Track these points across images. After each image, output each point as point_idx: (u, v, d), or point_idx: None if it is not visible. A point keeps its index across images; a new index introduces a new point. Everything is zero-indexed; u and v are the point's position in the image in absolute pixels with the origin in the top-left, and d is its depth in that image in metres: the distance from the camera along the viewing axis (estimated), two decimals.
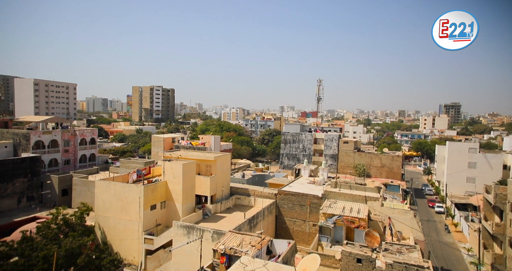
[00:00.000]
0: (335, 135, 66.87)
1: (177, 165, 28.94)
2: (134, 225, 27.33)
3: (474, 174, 54.79)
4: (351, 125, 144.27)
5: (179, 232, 24.78)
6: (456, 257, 35.57)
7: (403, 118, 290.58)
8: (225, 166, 34.58)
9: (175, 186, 28.95)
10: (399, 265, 18.25)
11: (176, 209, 28.95)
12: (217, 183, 32.30)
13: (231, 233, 19.88)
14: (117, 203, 28.07)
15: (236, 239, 18.85)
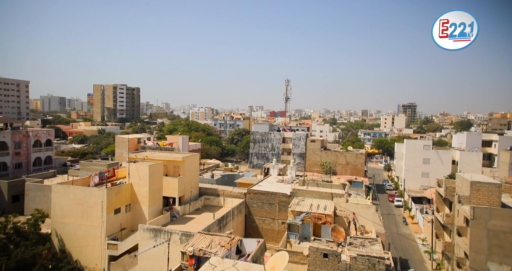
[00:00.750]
0: (303, 134, 68.56)
1: (143, 166, 27.93)
2: (96, 230, 25.91)
3: (428, 169, 59.17)
4: (318, 124, 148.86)
5: (145, 235, 23.94)
6: (413, 247, 38.19)
7: (366, 118, 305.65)
8: (193, 166, 34.01)
9: (141, 188, 27.92)
10: (362, 258, 19.18)
11: (142, 212, 27.92)
12: (185, 184, 31.67)
13: (200, 234, 19.62)
14: (77, 208, 26.43)
15: (205, 240, 18.63)
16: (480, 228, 24.91)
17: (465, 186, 27.67)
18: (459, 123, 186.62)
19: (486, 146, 62.55)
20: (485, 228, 24.72)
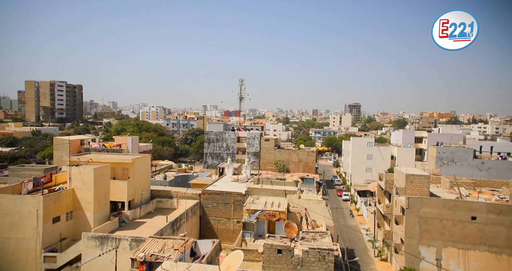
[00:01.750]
0: (257, 133, 69.57)
1: (87, 170, 25.84)
2: (29, 243, 23.27)
3: (371, 164, 64.32)
4: (272, 123, 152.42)
5: (90, 244, 22.21)
6: (358, 238, 41.24)
7: (316, 117, 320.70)
8: (144, 168, 32.45)
9: (85, 193, 25.80)
10: (313, 251, 20.19)
11: (86, 219, 25.81)
12: (135, 187, 30.08)
13: (152, 239, 18.83)
14: (4, 219, 23.43)
15: (157, 245, 17.93)
16: (413, 216, 27.85)
17: (401, 179, 30.67)
18: (396, 122, 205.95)
19: (418, 142, 69.96)
20: (417, 215, 27.72)
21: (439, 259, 26.98)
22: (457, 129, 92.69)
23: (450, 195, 31.37)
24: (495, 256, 25.93)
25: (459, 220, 26.81)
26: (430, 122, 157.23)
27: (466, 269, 26.41)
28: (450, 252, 26.85)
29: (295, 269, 20.20)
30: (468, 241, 26.53)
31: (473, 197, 30.26)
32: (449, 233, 26.96)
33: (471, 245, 26.47)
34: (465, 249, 26.56)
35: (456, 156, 52.22)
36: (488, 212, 26.27)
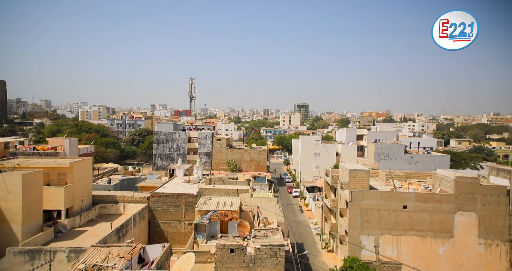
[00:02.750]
0: (209, 133, 68.68)
1: (13, 177, 22.85)
2: None
3: (319, 161, 67.96)
4: (223, 123, 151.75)
5: (17, 260, 19.71)
6: (307, 232, 43.32)
7: (267, 116, 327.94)
8: (85, 172, 29.85)
9: (11, 203, 22.77)
10: (265, 248, 20.68)
11: (12, 232, 22.78)
12: (74, 193, 27.51)
13: (94, 248, 17.44)
14: None
15: (100, 254, 16.68)
16: (355, 208, 30.18)
17: (345, 174, 32.97)
18: (340, 121, 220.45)
19: (359, 139, 75.90)
20: (359, 207, 30.11)
21: (377, 246, 29.67)
22: (391, 128, 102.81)
23: (386, 187, 34.64)
24: (421, 239, 29.40)
25: (393, 209, 29.79)
26: (369, 121, 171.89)
27: (398, 253, 29.46)
28: (386, 239, 29.71)
29: (247, 267, 20.46)
30: (400, 227, 29.63)
31: (404, 188, 33.87)
32: (385, 222, 29.79)
33: (402, 231, 29.60)
34: (398, 235, 29.62)
35: (390, 151, 57.85)
36: (416, 200, 29.63)
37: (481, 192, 29.02)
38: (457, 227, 29.17)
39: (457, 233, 29.15)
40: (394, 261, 28.96)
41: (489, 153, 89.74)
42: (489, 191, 29.06)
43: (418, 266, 28.92)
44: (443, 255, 29.20)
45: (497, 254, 28.84)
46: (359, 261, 26.71)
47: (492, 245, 28.91)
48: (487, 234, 28.91)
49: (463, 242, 29.08)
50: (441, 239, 29.27)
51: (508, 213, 28.82)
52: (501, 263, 28.78)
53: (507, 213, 28.84)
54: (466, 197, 29.05)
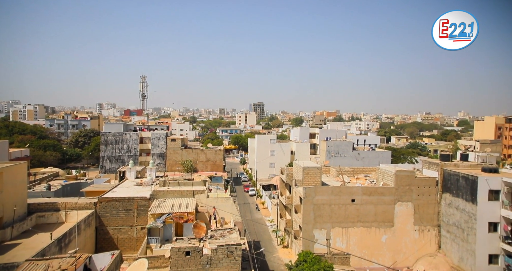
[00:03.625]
0: (163, 133, 66.13)
1: None
2: None
3: (274, 159, 69.60)
4: (178, 123, 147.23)
5: None
6: (264, 229, 44.17)
7: (223, 116, 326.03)
8: (18, 178, 26.72)
9: None
10: (221, 248, 20.62)
11: None
12: (4, 203, 24.47)
13: (30, 262, 15.76)
14: None
15: (38, 268, 15.13)
16: (309, 204, 31.57)
17: (299, 171, 34.26)
18: (294, 120, 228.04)
19: (312, 137, 79.32)
20: (312, 203, 31.56)
21: (329, 239, 31.42)
22: (341, 126, 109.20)
23: (336, 182, 36.79)
24: (366, 229, 31.87)
25: (343, 203, 31.79)
26: (321, 120, 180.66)
27: (347, 244, 31.56)
28: (337, 231, 31.61)
29: (204, 268, 20.22)
30: (349, 220, 31.76)
31: (352, 183, 36.32)
32: (336, 216, 31.67)
33: (351, 223, 31.77)
34: (347, 228, 31.71)
35: (340, 148, 61.53)
36: (363, 194, 32.01)
37: (416, 184, 32.37)
38: (397, 216, 32.17)
39: (397, 222, 32.14)
40: (343, 252, 30.92)
41: (422, 148, 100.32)
42: (422, 182, 32.54)
43: (364, 255, 31.29)
44: (385, 242, 31.98)
45: (429, 238, 32.47)
46: (312, 255, 27.99)
47: (425, 230, 32.47)
48: (420, 221, 32.37)
49: (402, 229, 32.17)
50: (384, 228, 32.03)
51: (437, 201, 32.59)
52: (431, 245, 32.48)
53: (436, 201, 32.60)
54: (404, 189, 32.17)
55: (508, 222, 27.19)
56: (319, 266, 25.75)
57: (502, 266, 27.38)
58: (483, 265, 27.75)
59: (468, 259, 28.71)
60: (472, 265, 28.16)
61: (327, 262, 27.85)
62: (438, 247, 32.51)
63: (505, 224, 27.37)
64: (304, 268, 26.31)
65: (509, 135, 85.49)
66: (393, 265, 31.32)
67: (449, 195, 31.44)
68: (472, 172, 29.89)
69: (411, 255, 32.03)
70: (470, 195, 28.62)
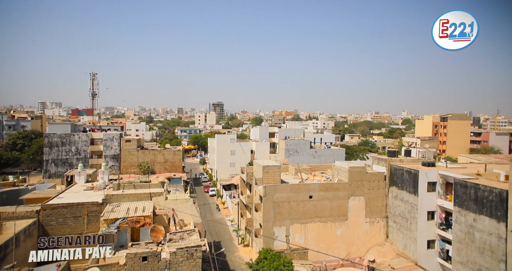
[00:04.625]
0: (116, 134, 62.44)
1: None
2: None
3: (234, 159, 69.64)
4: (134, 123, 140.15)
5: None
6: (224, 230, 44.01)
7: (181, 115, 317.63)
8: None
9: None
10: (181, 250, 20.14)
11: None
12: None
13: None
14: None
15: None
16: (269, 202, 32.16)
17: (259, 170, 34.70)
18: (254, 119, 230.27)
19: (271, 136, 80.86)
20: (272, 201, 32.20)
21: (288, 235, 32.35)
22: (299, 125, 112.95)
23: (295, 180, 37.95)
24: (323, 224, 33.44)
25: (301, 200, 32.93)
26: (280, 120, 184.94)
27: (306, 239, 32.80)
28: (295, 227, 32.66)
29: None
30: (307, 216, 33.01)
31: (310, 180, 37.77)
32: (295, 212, 32.70)
33: (309, 219, 33.05)
34: (305, 223, 32.93)
35: (298, 147, 63.56)
36: (320, 190, 33.47)
37: (367, 179, 34.72)
38: (351, 210, 34.21)
39: (350, 215, 34.18)
40: (302, 247, 32.07)
41: (372, 146, 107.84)
42: (373, 177, 35.01)
43: (321, 248, 32.77)
44: (340, 235, 33.84)
45: (378, 229, 35.08)
46: (272, 252, 28.59)
47: (375, 222, 35.01)
48: (371, 214, 34.83)
49: (355, 222, 34.31)
50: (339, 222, 33.86)
51: (385, 194, 35.33)
52: (380, 235, 35.14)
53: (385, 194, 35.32)
54: (357, 184, 34.31)
55: (442, 210, 30.42)
56: (279, 263, 26.39)
57: (438, 250, 30.58)
58: (423, 250, 30.73)
59: (411, 246, 31.58)
60: (414, 251, 31.04)
61: (287, 258, 28.67)
62: (386, 236, 35.24)
63: (440, 212, 30.59)
64: (264, 265, 26.77)
65: (443, 132, 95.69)
66: (347, 257, 33.25)
67: (395, 188, 34.24)
68: (414, 166, 32.89)
69: (363, 245, 34.30)
70: (412, 187, 31.48)
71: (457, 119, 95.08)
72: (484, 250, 24.85)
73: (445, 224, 29.92)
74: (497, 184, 25.33)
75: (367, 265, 31.68)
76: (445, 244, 29.69)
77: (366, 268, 31.26)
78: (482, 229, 25.00)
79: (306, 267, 29.58)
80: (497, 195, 23.89)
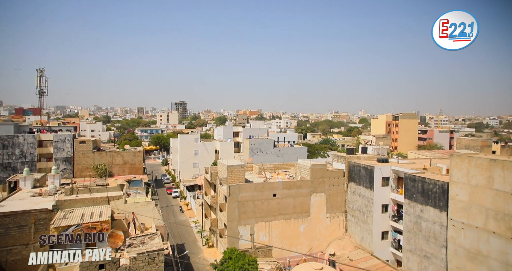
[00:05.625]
0: (69, 135, 58.01)
1: None
2: None
3: (198, 159, 68.49)
4: (89, 123, 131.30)
5: None
6: (188, 231, 43.13)
7: (142, 115, 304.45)
8: None
9: None
10: (142, 255, 19.37)
11: None
12: None
13: None
14: None
15: None
16: (233, 202, 32.14)
17: (223, 170, 34.51)
18: (218, 119, 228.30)
19: (235, 136, 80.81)
20: (236, 200, 32.23)
21: (253, 234, 32.61)
22: (263, 125, 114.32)
23: (259, 179, 38.35)
24: (286, 221, 34.26)
25: (266, 198, 33.38)
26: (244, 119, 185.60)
27: (270, 237, 33.35)
28: (260, 226, 33.04)
29: None
30: (271, 214, 33.57)
31: (274, 178, 38.43)
32: (259, 211, 33.06)
33: (273, 217, 33.63)
34: (269, 221, 33.45)
35: (262, 146, 64.27)
36: (283, 188, 34.20)
37: (328, 176, 36.21)
38: (313, 206, 35.45)
39: (312, 211, 35.41)
40: (266, 245, 32.53)
41: (332, 144, 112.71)
42: (333, 174, 36.62)
43: (284, 245, 33.55)
44: (303, 232, 34.92)
45: (338, 224, 36.81)
46: (237, 251, 28.62)
47: (335, 217, 36.67)
48: (331, 209, 36.42)
49: (316, 218, 35.63)
50: (301, 219, 34.92)
51: (344, 190, 37.16)
52: (340, 229, 36.92)
53: (344, 190, 37.15)
54: (318, 181, 35.63)
55: (395, 203, 32.81)
56: (243, 262, 26.51)
57: (391, 240, 32.95)
58: (378, 241, 32.89)
59: (367, 238, 33.60)
60: (370, 243, 33.08)
61: (251, 256, 28.90)
62: (345, 230, 37.10)
63: (393, 205, 32.97)
64: (229, 265, 26.72)
65: (395, 130, 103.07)
66: (309, 252, 34.43)
67: (353, 184, 36.16)
68: (370, 163, 35.02)
69: (324, 240, 35.76)
70: (368, 182, 33.50)
71: (406, 118, 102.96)
72: (429, 238, 27.28)
73: (397, 216, 32.28)
74: (440, 177, 27.93)
75: (328, 258, 33.10)
76: (397, 235, 32.05)
77: (327, 261, 32.65)
78: (427, 219, 27.41)
79: (270, 265, 30.07)
80: (440, 187, 26.37)
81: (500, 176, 22.03)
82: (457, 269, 24.80)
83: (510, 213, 21.39)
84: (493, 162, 22.52)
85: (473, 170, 23.73)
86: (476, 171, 23.52)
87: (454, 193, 24.93)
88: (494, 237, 22.33)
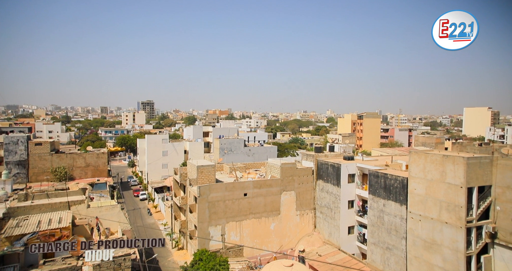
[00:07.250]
0: (22, 136, 53.64)
1: None
2: None
3: (167, 160, 66.64)
4: (46, 123, 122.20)
5: None
6: (157, 234, 41.76)
7: (106, 115, 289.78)
8: None
9: None
10: (106, 262, 18.47)
11: None
12: None
13: None
14: None
15: None
16: (204, 202, 31.71)
17: (193, 170, 33.89)
18: (187, 119, 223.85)
19: (205, 136, 79.76)
20: (207, 201, 31.83)
21: (223, 234, 32.42)
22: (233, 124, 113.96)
23: (230, 179, 38.17)
24: (257, 220, 34.50)
25: (236, 198, 33.34)
26: (214, 119, 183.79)
27: (241, 236, 33.38)
28: (231, 226, 32.94)
29: None
30: (242, 213, 33.60)
31: (245, 178, 38.48)
32: (230, 211, 32.94)
33: (244, 216, 33.69)
34: (240, 221, 33.46)
35: (233, 146, 64.06)
36: (254, 187, 34.37)
37: (297, 174, 37.00)
38: (283, 205, 36.03)
39: (282, 209, 35.99)
40: (237, 245, 32.52)
41: (301, 142, 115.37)
42: (302, 172, 37.48)
43: (256, 244, 33.77)
44: (273, 230, 35.37)
45: (307, 220, 37.80)
46: (208, 252, 28.30)
47: (304, 214, 37.60)
48: (301, 206, 37.29)
49: (287, 216, 36.27)
50: (272, 217, 35.35)
51: (313, 187, 38.23)
52: (309, 226, 37.95)
53: (313, 188, 38.20)
54: (288, 179, 36.27)
55: (360, 199, 34.39)
56: (214, 262, 26.28)
57: (356, 234, 34.51)
58: (344, 236, 34.28)
59: (335, 233, 34.88)
60: (338, 238, 34.38)
61: (222, 257, 28.73)
62: (314, 227, 38.17)
63: (358, 200, 34.54)
64: (199, 267, 26.35)
65: (360, 129, 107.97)
66: (280, 249, 34.99)
67: (321, 181, 37.30)
68: (337, 161, 36.34)
69: (294, 237, 36.52)
70: (336, 179, 34.75)
71: (370, 117, 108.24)
72: (391, 230, 28.95)
73: (362, 211, 33.85)
74: (400, 173, 29.75)
75: (298, 255, 33.87)
76: (362, 229, 33.62)
77: (297, 258, 33.39)
78: (389, 212, 29.07)
79: (241, 264, 30.12)
80: (400, 182, 28.08)
81: (451, 170, 23.97)
82: (415, 259, 26.60)
83: (459, 204, 23.37)
84: (445, 158, 24.44)
85: (428, 165, 25.58)
86: (431, 166, 25.38)
87: (413, 187, 26.70)
88: (446, 226, 24.26)
